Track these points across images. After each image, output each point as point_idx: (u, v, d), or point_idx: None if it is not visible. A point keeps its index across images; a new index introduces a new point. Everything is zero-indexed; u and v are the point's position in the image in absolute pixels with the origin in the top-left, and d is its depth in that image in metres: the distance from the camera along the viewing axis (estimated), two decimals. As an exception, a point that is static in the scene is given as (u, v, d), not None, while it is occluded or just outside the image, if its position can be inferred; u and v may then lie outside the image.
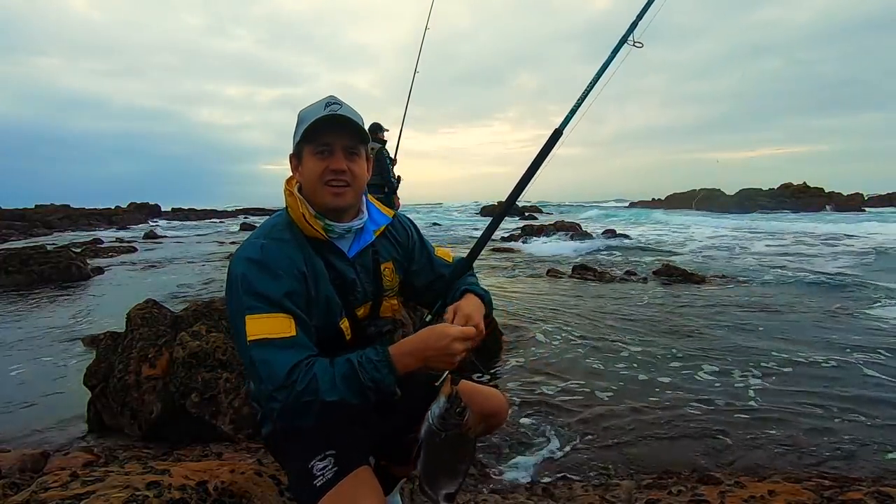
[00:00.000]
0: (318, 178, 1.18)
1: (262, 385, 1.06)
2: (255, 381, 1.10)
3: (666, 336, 4.67)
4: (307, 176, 1.20)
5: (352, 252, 1.27)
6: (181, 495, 1.39)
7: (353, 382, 1.05)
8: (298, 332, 1.10)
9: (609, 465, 2.45)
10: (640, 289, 7.21)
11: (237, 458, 2.22)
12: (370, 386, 1.05)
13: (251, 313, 1.08)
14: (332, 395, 1.03)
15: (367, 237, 1.30)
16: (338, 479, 1.08)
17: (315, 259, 1.20)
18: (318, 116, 1.16)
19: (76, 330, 5.13)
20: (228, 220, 34.72)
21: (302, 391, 1.03)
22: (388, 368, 1.06)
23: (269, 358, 1.05)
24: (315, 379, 1.04)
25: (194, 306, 3.18)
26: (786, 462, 2.43)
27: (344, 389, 1.04)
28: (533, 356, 4.12)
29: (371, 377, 1.05)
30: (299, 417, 1.06)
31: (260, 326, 1.07)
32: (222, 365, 2.65)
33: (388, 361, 1.07)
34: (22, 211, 28.48)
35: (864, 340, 4.36)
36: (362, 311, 1.30)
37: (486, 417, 1.42)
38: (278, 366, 1.04)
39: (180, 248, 14.99)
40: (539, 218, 28.49)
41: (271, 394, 1.04)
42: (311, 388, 1.03)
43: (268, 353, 1.06)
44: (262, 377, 1.06)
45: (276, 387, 1.04)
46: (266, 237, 1.18)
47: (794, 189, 40.25)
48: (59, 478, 1.44)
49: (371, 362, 1.06)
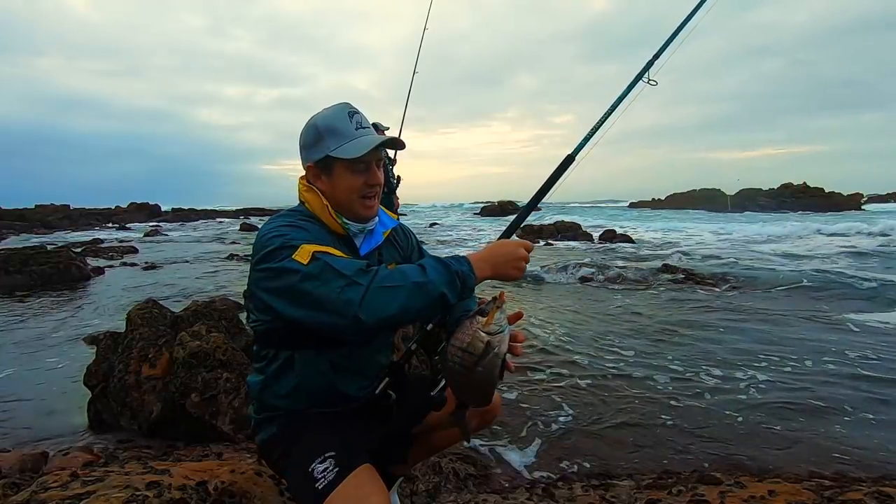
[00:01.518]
0: (356, 192, 1.22)
1: (335, 281, 1.00)
2: (321, 285, 1.01)
3: (666, 335, 4.67)
4: (342, 189, 1.22)
5: (363, 251, 1.29)
6: (181, 495, 1.39)
7: (443, 269, 1.07)
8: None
9: (609, 465, 2.46)
10: (640, 287, 7.21)
11: (237, 458, 2.22)
12: (458, 274, 1.07)
13: (299, 244, 1.06)
14: (421, 277, 1.04)
15: (378, 238, 1.33)
16: (340, 479, 1.07)
17: (339, 246, 1.21)
18: (359, 138, 1.19)
19: (76, 330, 5.13)
20: (229, 220, 34.73)
21: (386, 276, 1.02)
22: (469, 267, 1.11)
23: (333, 263, 1.03)
24: (399, 270, 1.05)
25: (194, 306, 3.18)
26: (786, 462, 2.43)
27: (434, 274, 1.05)
28: (532, 354, 4.12)
29: (458, 269, 1.08)
30: (384, 304, 1.00)
31: (313, 246, 1.06)
32: (222, 365, 2.65)
33: (469, 262, 1.12)
34: (22, 211, 28.46)
35: (861, 342, 4.36)
36: None
37: (479, 413, 1.44)
38: (346, 263, 1.04)
39: (181, 248, 14.99)
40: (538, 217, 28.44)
41: (352, 279, 1.00)
42: (397, 275, 1.03)
43: (331, 259, 1.04)
44: (336, 272, 1.01)
45: (355, 271, 1.02)
46: (288, 216, 1.21)
47: (794, 189, 40.27)
48: (59, 478, 1.44)
49: (456, 259, 1.12)
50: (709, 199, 42.33)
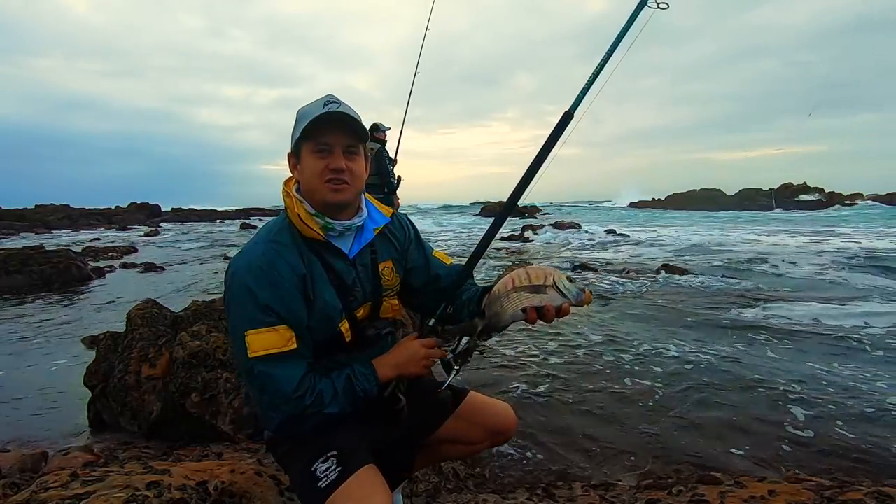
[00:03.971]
0: (318, 176, 1.17)
1: (265, 397, 1.12)
2: (257, 392, 1.13)
3: (666, 334, 4.66)
4: (306, 174, 1.20)
5: (353, 251, 1.26)
6: (181, 495, 1.39)
7: (350, 395, 1.18)
8: (299, 344, 1.14)
9: (609, 464, 2.45)
10: (640, 287, 7.21)
11: (237, 458, 2.22)
12: (362, 396, 1.19)
13: (252, 327, 1.10)
14: (334, 408, 1.15)
15: (368, 235, 1.29)
16: (342, 479, 1.08)
17: (314, 261, 1.20)
18: (317, 114, 1.15)
19: (76, 330, 5.13)
20: (228, 221, 34.71)
21: (309, 405, 1.12)
22: (374, 380, 1.21)
23: (274, 373, 1.10)
24: (321, 394, 1.14)
25: (194, 306, 3.18)
26: (786, 462, 2.43)
27: (344, 402, 1.17)
28: (533, 354, 4.12)
29: (363, 388, 1.19)
30: (298, 427, 1.14)
31: (262, 341, 1.09)
32: (222, 365, 2.65)
33: (374, 374, 1.22)
34: (22, 211, 28.45)
35: (862, 343, 4.36)
36: (362, 312, 1.28)
37: (492, 434, 1.45)
38: (285, 381, 1.10)
39: (181, 247, 14.99)
40: (538, 218, 28.48)
41: (276, 406, 1.11)
42: (317, 402, 1.13)
43: (272, 367, 1.10)
44: (266, 390, 1.10)
45: (283, 400, 1.10)
46: (265, 241, 1.18)
47: (794, 189, 40.29)
48: (59, 478, 1.44)
49: (363, 375, 1.20)
50: (709, 199, 42.35)
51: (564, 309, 1.17)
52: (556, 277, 1.18)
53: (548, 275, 1.19)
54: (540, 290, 1.17)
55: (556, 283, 1.17)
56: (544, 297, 1.17)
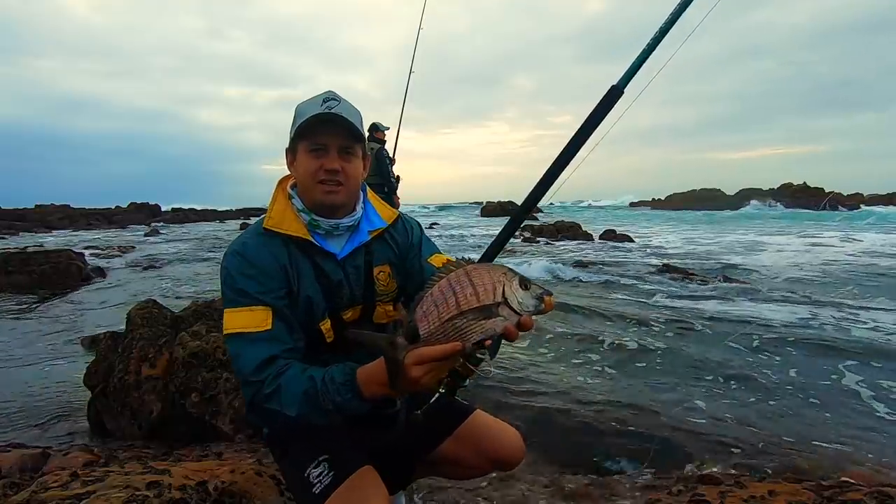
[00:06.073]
0: (312, 176, 1.16)
1: (237, 376, 1.12)
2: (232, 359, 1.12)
3: (666, 333, 4.67)
4: (301, 172, 1.19)
5: (344, 252, 1.22)
6: (181, 495, 1.39)
7: (313, 402, 1.01)
8: (275, 326, 1.10)
9: (608, 464, 2.45)
10: (641, 286, 7.21)
11: (237, 458, 2.22)
12: (331, 409, 1.00)
13: (230, 306, 1.11)
14: (292, 411, 1.01)
15: (362, 237, 1.25)
16: (336, 483, 1.07)
17: (300, 257, 1.18)
18: (313, 113, 1.14)
19: (76, 330, 5.12)
20: (228, 220, 34.71)
21: (268, 395, 1.03)
22: (353, 393, 0.99)
23: (240, 351, 1.08)
24: (281, 389, 1.02)
25: (194, 306, 3.18)
26: (786, 462, 2.43)
27: (306, 408, 1.01)
28: (531, 353, 4.12)
29: (332, 400, 0.99)
30: (262, 419, 1.11)
31: (236, 320, 1.09)
32: (222, 365, 2.65)
33: (354, 385, 0.99)
34: (22, 211, 28.44)
35: (860, 346, 4.37)
36: (351, 315, 1.24)
37: (494, 462, 1.35)
38: (247, 360, 1.06)
39: (180, 247, 14.98)
40: (539, 218, 28.41)
41: (242, 387, 1.10)
42: (275, 396, 1.03)
43: (240, 346, 1.08)
44: (235, 369, 1.10)
45: (243, 381, 1.07)
46: (253, 233, 1.19)
47: (794, 189, 40.28)
48: (59, 478, 1.44)
49: (335, 384, 1.00)
50: (709, 199, 42.36)
51: (525, 323, 0.90)
52: (507, 287, 0.90)
53: (496, 284, 0.90)
54: (490, 312, 0.89)
55: (506, 297, 0.90)
56: (497, 321, 0.89)
